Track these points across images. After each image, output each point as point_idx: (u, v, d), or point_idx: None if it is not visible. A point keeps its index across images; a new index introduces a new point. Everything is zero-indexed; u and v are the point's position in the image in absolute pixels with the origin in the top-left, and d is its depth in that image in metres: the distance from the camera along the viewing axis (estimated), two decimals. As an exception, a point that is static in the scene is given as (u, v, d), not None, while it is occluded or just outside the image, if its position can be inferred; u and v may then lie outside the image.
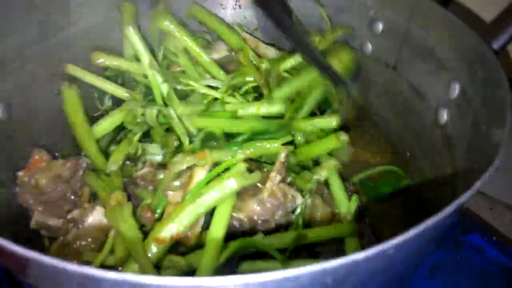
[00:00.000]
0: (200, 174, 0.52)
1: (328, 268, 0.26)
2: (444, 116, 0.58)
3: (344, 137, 0.60)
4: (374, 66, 0.72)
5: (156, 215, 0.52)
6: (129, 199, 0.53)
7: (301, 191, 0.58)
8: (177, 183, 0.52)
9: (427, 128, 0.63)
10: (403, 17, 0.64)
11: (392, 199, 0.68)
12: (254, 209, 0.54)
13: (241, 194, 0.54)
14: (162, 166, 0.59)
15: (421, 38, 0.62)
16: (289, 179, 0.59)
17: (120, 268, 0.47)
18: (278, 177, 0.56)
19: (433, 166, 0.61)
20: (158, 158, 0.59)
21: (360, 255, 0.26)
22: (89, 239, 0.52)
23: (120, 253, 0.48)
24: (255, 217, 0.55)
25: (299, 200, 0.57)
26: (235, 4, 0.77)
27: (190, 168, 0.53)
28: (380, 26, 0.68)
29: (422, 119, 0.64)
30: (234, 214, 0.53)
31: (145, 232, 0.50)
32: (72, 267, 0.26)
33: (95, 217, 0.53)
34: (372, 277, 0.31)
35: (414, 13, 0.62)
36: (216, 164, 0.53)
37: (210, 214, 0.51)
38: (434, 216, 0.30)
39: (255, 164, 0.58)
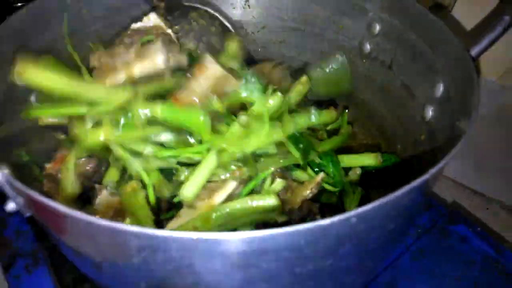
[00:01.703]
0: (231, 185, 0.55)
1: (300, 230, 0.33)
2: (429, 112, 0.64)
3: (381, 158, 0.69)
4: (372, 64, 0.77)
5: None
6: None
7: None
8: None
9: (416, 123, 0.68)
10: (398, 21, 0.70)
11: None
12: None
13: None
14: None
15: (413, 41, 0.67)
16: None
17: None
18: (310, 195, 0.62)
19: (419, 158, 0.67)
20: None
21: (326, 222, 0.33)
22: (98, 215, 0.58)
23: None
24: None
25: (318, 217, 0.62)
26: (245, 4, 0.84)
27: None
28: (377, 28, 0.74)
29: (412, 115, 0.69)
30: None
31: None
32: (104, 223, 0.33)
33: (104, 196, 0.59)
34: (340, 243, 0.38)
35: (408, 18, 0.68)
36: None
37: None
38: (394, 192, 0.36)
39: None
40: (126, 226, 0.33)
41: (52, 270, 0.67)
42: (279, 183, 0.61)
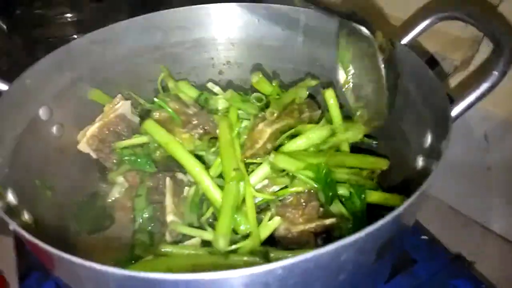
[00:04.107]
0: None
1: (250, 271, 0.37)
2: (420, 162, 0.65)
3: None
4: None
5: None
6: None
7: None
8: None
9: (410, 170, 0.69)
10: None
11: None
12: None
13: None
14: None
15: (409, 91, 0.69)
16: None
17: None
18: (312, 230, 0.66)
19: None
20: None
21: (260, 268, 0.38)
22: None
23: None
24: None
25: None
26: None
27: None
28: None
29: (407, 162, 0.70)
30: None
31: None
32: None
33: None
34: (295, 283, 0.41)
35: (405, 68, 0.70)
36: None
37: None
38: (337, 242, 0.39)
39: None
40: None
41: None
42: (276, 221, 0.66)
